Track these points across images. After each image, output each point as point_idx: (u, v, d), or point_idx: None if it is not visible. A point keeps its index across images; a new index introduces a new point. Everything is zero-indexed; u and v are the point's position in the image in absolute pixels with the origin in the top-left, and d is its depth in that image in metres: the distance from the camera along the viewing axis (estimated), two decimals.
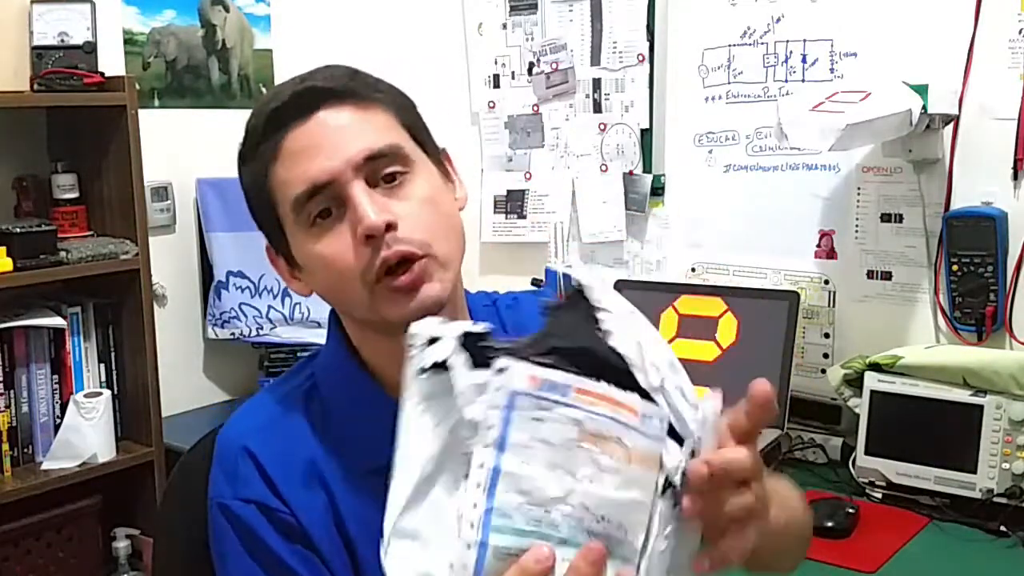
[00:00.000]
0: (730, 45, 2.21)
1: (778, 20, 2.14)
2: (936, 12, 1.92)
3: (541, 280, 2.40)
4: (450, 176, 1.02)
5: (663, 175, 2.37)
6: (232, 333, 2.50)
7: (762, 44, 2.16)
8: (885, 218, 2.04)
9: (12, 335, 2.12)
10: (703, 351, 2.05)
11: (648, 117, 2.36)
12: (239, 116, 0.99)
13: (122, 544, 2.28)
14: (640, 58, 2.34)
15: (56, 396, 2.19)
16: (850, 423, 1.96)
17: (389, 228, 0.90)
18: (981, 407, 1.72)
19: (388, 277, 0.91)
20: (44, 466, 2.14)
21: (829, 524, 1.65)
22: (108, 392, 2.22)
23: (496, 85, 2.60)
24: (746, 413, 0.74)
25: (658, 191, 2.37)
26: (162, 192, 2.47)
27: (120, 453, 2.22)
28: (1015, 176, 1.86)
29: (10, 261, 2.00)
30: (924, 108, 1.82)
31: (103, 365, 2.27)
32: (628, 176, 2.40)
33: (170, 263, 2.50)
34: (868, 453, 1.83)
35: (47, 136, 2.30)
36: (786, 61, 2.13)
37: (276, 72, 2.69)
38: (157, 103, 2.49)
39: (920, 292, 2.01)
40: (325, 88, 0.93)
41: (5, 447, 2.11)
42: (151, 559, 1.37)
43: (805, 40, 2.10)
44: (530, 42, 2.52)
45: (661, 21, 2.32)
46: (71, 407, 2.16)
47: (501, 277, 2.59)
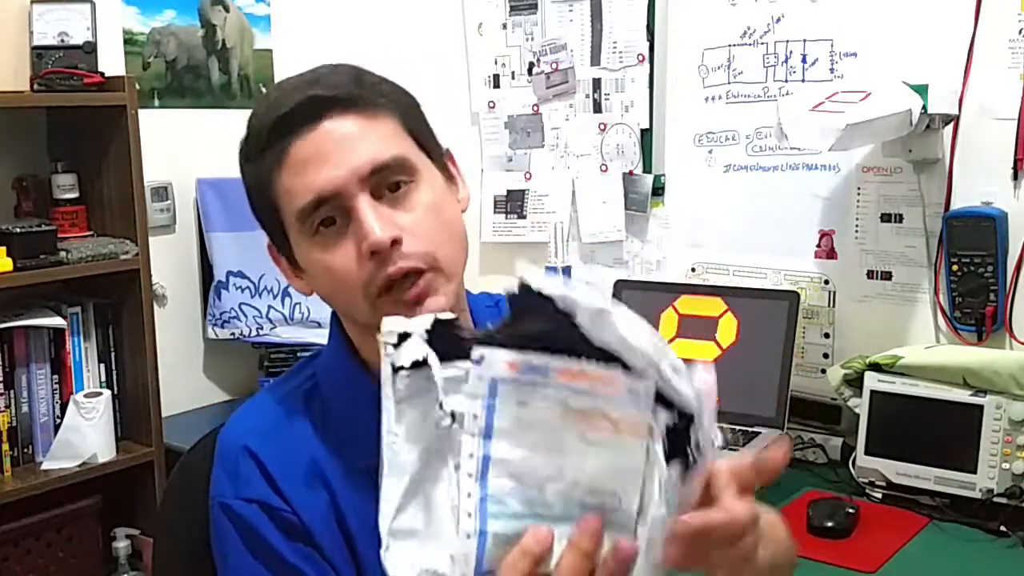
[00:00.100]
0: (730, 45, 2.21)
1: (778, 20, 2.13)
2: (936, 12, 1.92)
3: None
4: (453, 177, 1.02)
5: (663, 175, 2.37)
6: (232, 333, 2.51)
7: (762, 44, 2.16)
8: (885, 218, 2.04)
9: (12, 335, 2.12)
10: (703, 351, 2.05)
11: (648, 117, 2.35)
12: (239, 116, 0.99)
13: (122, 544, 2.28)
14: (640, 58, 2.34)
15: (56, 396, 2.19)
16: (850, 423, 1.96)
17: (394, 244, 0.90)
18: (981, 407, 1.72)
19: (392, 291, 0.91)
20: (44, 466, 2.14)
21: (829, 524, 1.65)
22: (108, 392, 2.22)
23: (496, 85, 2.60)
24: (755, 468, 0.72)
25: (658, 191, 2.37)
26: (162, 192, 2.47)
27: (120, 453, 2.23)
28: (1015, 176, 1.86)
29: (10, 261, 2.01)
30: (924, 108, 1.82)
31: (103, 365, 2.27)
32: (628, 176, 2.40)
33: (170, 263, 2.50)
34: (868, 453, 1.82)
35: (47, 136, 2.30)
36: (786, 61, 2.13)
37: (276, 72, 2.69)
38: (157, 103, 2.49)
39: (920, 292, 2.01)
40: (330, 97, 0.92)
41: (5, 447, 2.11)
42: (151, 559, 1.37)
43: (805, 40, 2.10)
44: (530, 42, 2.52)
45: (661, 21, 2.32)
46: (71, 407, 2.16)
47: (501, 277, 2.59)
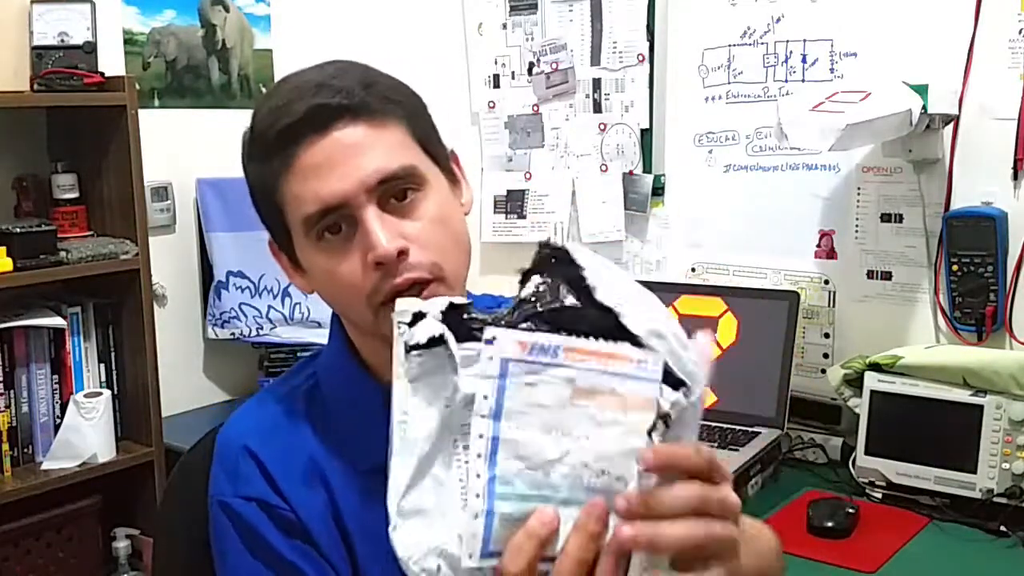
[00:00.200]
0: (730, 45, 2.21)
1: (778, 20, 2.14)
2: (936, 12, 1.92)
3: None
4: (458, 181, 1.02)
5: (663, 175, 2.37)
6: (232, 333, 2.50)
7: (762, 44, 2.16)
8: (885, 218, 2.04)
9: (12, 335, 2.12)
10: None
11: (648, 117, 2.36)
12: (239, 116, 0.99)
13: (122, 544, 2.28)
14: (640, 58, 2.34)
15: (56, 396, 2.19)
16: (850, 423, 1.95)
17: (400, 255, 0.89)
18: (981, 407, 1.72)
19: (396, 301, 0.91)
20: (44, 466, 2.14)
21: (829, 524, 1.65)
22: (108, 392, 2.21)
23: (496, 85, 2.60)
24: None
25: (658, 191, 2.37)
26: (162, 192, 2.47)
27: (120, 453, 2.22)
28: (1015, 176, 1.86)
29: (10, 261, 2.00)
30: (924, 108, 1.82)
31: (103, 365, 2.27)
32: (628, 176, 2.40)
33: (170, 263, 2.50)
34: (868, 453, 1.82)
35: (47, 136, 2.30)
36: (786, 61, 2.13)
37: (276, 72, 2.68)
38: (157, 103, 2.49)
39: (920, 292, 2.01)
40: (340, 104, 0.91)
41: (5, 447, 2.11)
42: (151, 559, 1.37)
43: (805, 40, 2.10)
44: (530, 42, 2.52)
45: (661, 21, 2.32)
46: (71, 407, 2.16)
47: (501, 277, 2.56)
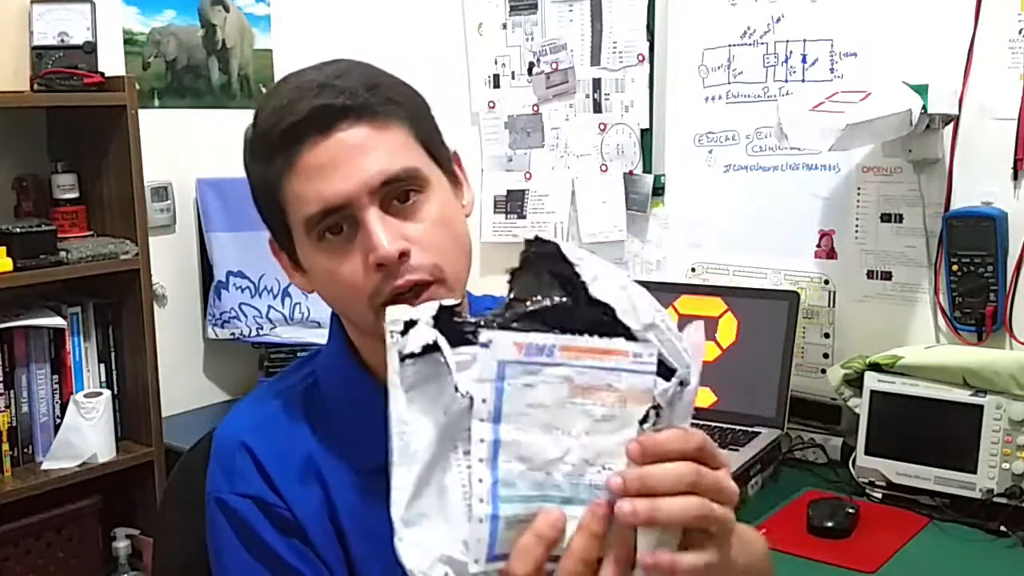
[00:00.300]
0: (730, 45, 2.21)
1: (778, 20, 2.13)
2: (936, 12, 1.92)
3: None
4: (459, 182, 1.02)
5: (663, 175, 2.37)
6: (232, 333, 2.51)
7: (762, 44, 2.16)
8: (885, 218, 2.04)
9: (12, 335, 2.12)
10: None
11: (648, 117, 2.35)
12: (239, 116, 0.99)
13: (122, 544, 2.28)
14: (640, 58, 2.34)
15: (56, 396, 2.19)
16: (850, 423, 1.95)
17: (402, 256, 0.90)
18: (981, 407, 1.72)
19: (396, 302, 0.90)
20: (44, 466, 2.14)
21: (829, 524, 1.65)
22: (108, 392, 2.22)
23: (496, 85, 2.60)
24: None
25: (658, 191, 2.37)
26: (162, 192, 2.47)
27: (120, 453, 2.23)
28: (1015, 176, 1.86)
29: (10, 261, 2.01)
30: (924, 108, 1.82)
31: (103, 365, 2.27)
32: (628, 176, 2.40)
33: (170, 263, 2.50)
34: (868, 453, 1.82)
35: (47, 136, 2.30)
36: (786, 61, 2.13)
37: (276, 72, 2.68)
38: (157, 103, 2.49)
39: (920, 292, 2.01)
40: (343, 105, 0.91)
41: (5, 447, 2.11)
42: (151, 559, 1.37)
43: (805, 40, 2.10)
44: (530, 42, 2.52)
45: (661, 21, 2.32)
46: (71, 407, 2.16)
47: (501, 277, 2.57)
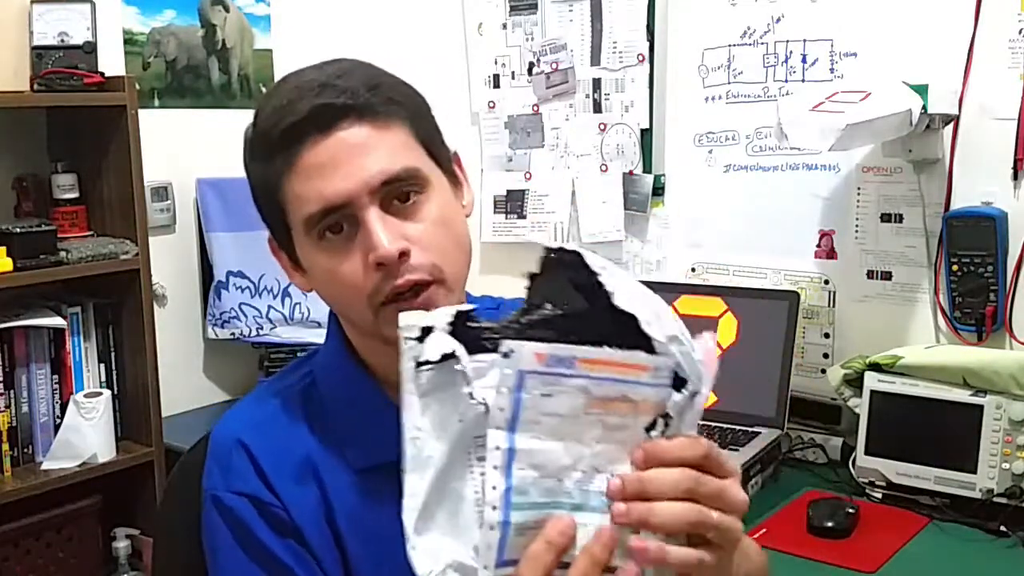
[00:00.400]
0: (730, 45, 2.21)
1: (778, 20, 2.13)
2: (936, 12, 1.92)
3: None
4: (459, 182, 1.02)
5: (663, 175, 2.37)
6: (232, 333, 2.51)
7: (762, 44, 2.16)
8: (885, 218, 2.04)
9: (12, 335, 2.12)
10: None
11: (648, 117, 2.35)
12: (239, 116, 0.99)
13: (122, 544, 2.28)
14: (640, 58, 2.34)
15: (56, 396, 2.19)
16: (850, 423, 1.95)
17: (402, 256, 0.90)
18: (981, 407, 1.72)
19: (395, 302, 0.91)
20: (44, 466, 2.15)
21: (829, 524, 1.65)
22: (108, 392, 2.22)
23: (496, 85, 2.60)
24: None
25: (658, 191, 2.37)
26: (162, 192, 2.47)
27: (120, 453, 2.23)
28: (1015, 176, 1.86)
29: (10, 261, 2.01)
30: (924, 108, 1.82)
31: (103, 365, 2.27)
32: (628, 176, 2.40)
33: (170, 263, 2.50)
34: (868, 453, 1.82)
35: (47, 136, 2.30)
36: (786, 61, 2.13)
37: (276, 72, 2.69)
38: (157, 103, 2.49)
39: (920, 292, 2.01)
40: (344, 105, 0.91)
41: (5, 447, 2.11)
42: (151, 559, 1.37)
43: (805, 40, 2.10)
44: (530, 42, 2.52)
45: (661, 21, 2.31)
46: (71, 407, 2.16)
47: (501, 277, 2.56)
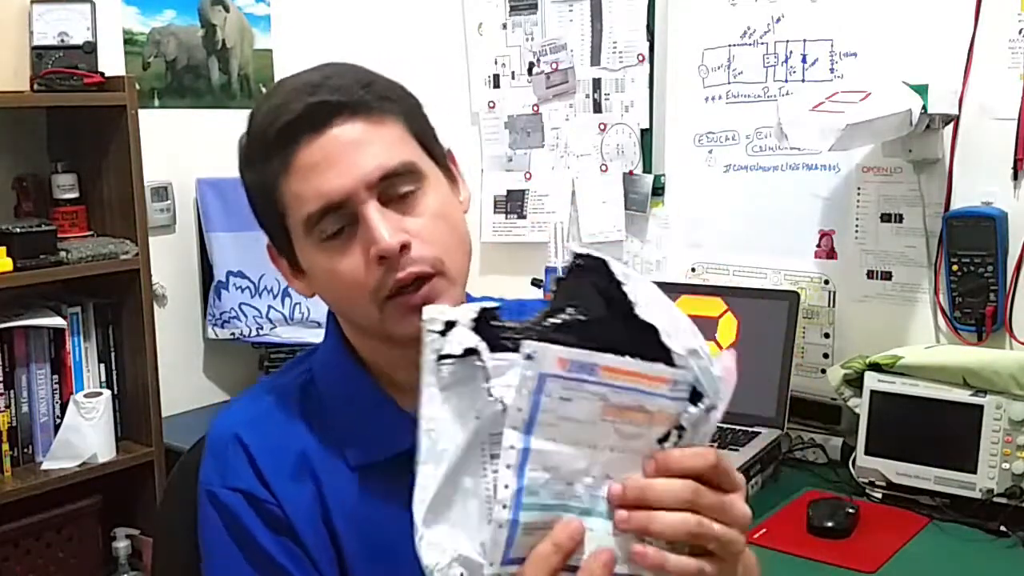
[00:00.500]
0: (730, 45, 2.21)
1: (778, 20, 2.13)
2: (936, 12, 1.92)
3: (541, 280, 2.40)
4: (455, 179, 1.02)
5: (663, 175, 2.37)
6: (232, 333, 2.51)
7: (762, 44, 2.16)
8: (885, 218, 2.04)
9: (12, 335, 2.12)
10: None
11: (648, 117, 2.35)
12: (239, 116, 0.99)
13: (122, 544, 2.28)
14: (640, 58, 2.34)
15: (56, 396, 2.19)
16: (850, 423, 1.95)
17: (403, 249, 0.90)
18: (981, 407, 1.72)
19: (399, 296, 0.91)
20: (44, 466, 2.15)
21: (829, 524, 1.65)
22: (108, 392, 2.22)
23: (496, 85, 2.60)
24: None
25: (658, 191, 2.37)
26: (162, 192, 2.47)
27: (120, 453, 2.23)
28: (1015, 176, 1.86)
29: (10, 261, 2.01)
30: (924, 108, 1.82)
31: (103, 365, 2.27)
32: (628, 176, 2.40)
33: (170, 263, 2.50)
34: (868, 453, 1.82)
35: (47, 136, 2.30)
36: (786, 61, 2.13)
37: (276, 72, 2.69)
38: (157, 103, 2.50)
39: (920, 292, 2.01)
40: (338, 102, 0.91)
41: (5, 447, 2.11)
42: (151, 559, 1.37)
43: (805, 40, 2.10)
44: (530, 42, 2.52)
45: (661, 21, 2.32)
46: (71, 407, 2.16)
47: (501, 277, 2.59)
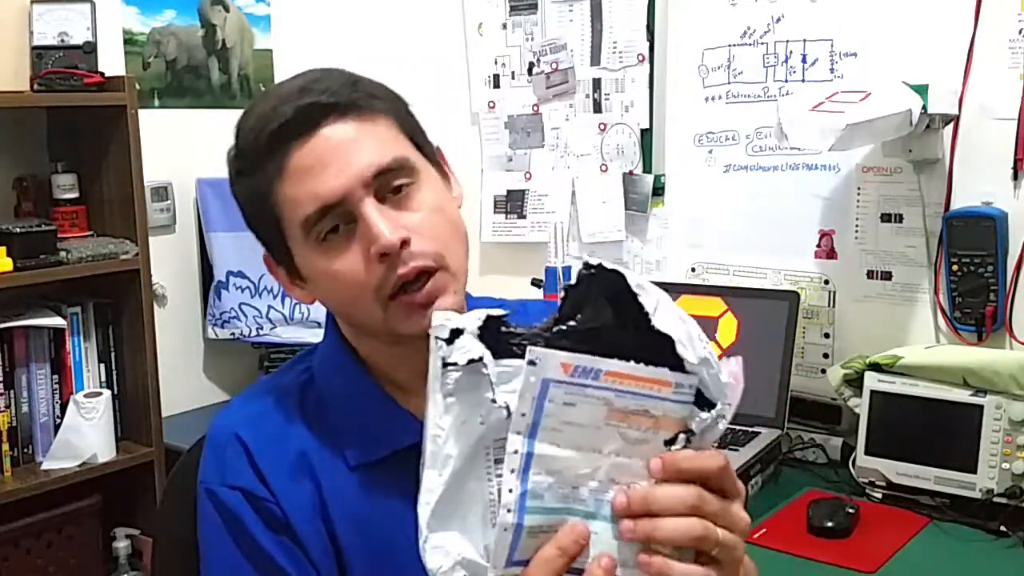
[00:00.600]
0: (730, 45, 2.21)
1: (778, 20, 2.13)
2: (936, 12, 1.92)
3: (541, 280, 2.39)
4: (447, 175, 1.02)
5: (663, 175, 2.37)
6: (232, 333, 2.51)
7: (762, 44, 2.16)
8: (885, 218, 2.04)
9: (12, 335, 2.12)
10: None
11: (648, 117, 2.35)
12: (239, 116, 0.99)
13: (122, 544, 2.28)
14: (640, 58, 2.34)
15: (56, 396, 2.19)
16: (850, 423, 1.95)
17: (403, 245, 0.90)
18: (981, 407, 1.72)
19: (403, 293, 0.91)
20: (44, 466, 2.14)
21: (829, 524, 1.65)
22: (108, 392, 2.22)
23: (496, 85, 2.60)
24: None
25: (658, 191, 2.37)
26: (162, 192, 2.47)
27: (120, 453, 2.22)
28: (1015, 176, 1.86)
29: (10, 261, 2.00)
30: (924, 108, 1.82)
31: (103, 365, 2.27)
32: (628, 176, 2.40)
33: (170, 263, 2.50)
34: (868, 453, 1.82)
35: (47, 136, 2.30)
36: (786, 61, 2.13)
37: (276, 72, 2.69)
38: (157, 103, 2.50)
39: (920, 292, 2.01)
40: (327, 103, 0.91)
41: (5, 447, 2.11)
42: (151, 559, 1.37)
43: (805, 40, 2.10)
44: (530, 42, 2.52)
45: (661, 21, 2.32)
46: (71, 407, 2.16)
47: (501, 277, 2.59)
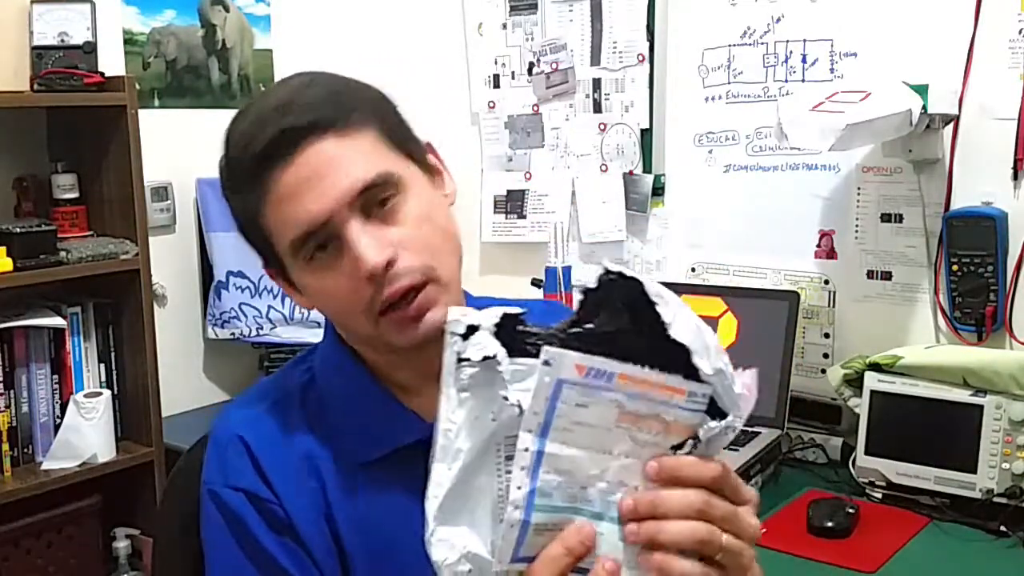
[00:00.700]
0: (730, 45, 2.21)
1: (778, 20, 2.13)
2: (936, 12, 1.92)
3: (541, 280, 2.40)
4: (439, 172, 1.01)
5: (663, 175, 2.37)
6: (232, 333, 2.51)
7: (762, 44, 2.16)
8: (885, 218, 2.04)
9: (12, 335, 2.12)
10: None
11: (648, 117, 2.35)
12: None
13: (122, 544, 2.28)
14: (640, 58, 2.34)
15: (56, 396, 2.19)
16: (850, 423, 1.95)
17: (389, 265, 0.89)
18: (981, 407, 1.72)
19: (393, 310, 0.91)
20: (44, 466, 2.15)
21: (829, 524, 1.65)
22: (108, 392, 2.22)
23: (496, 85, 2.60)
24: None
25: (658, 191, 2.37)
26: (162, 192, 2.47)
27: (120, 453, 2.23)
28: (1015, 176, 1.86)
29: (10, 261, 2.00)
30: (924, 108, 1.82)
31: (103, 365, 2.27)
32: (628, 176, 2.40)
33: (170, 263, 2.50)
34: (868, 453, 1.82)
35: (47, 136, 2.30)
36: (786, 61, 2.13)
37: (276, 72, 2.69)
38: (157, 103, 2.50)
39: (920, 292, 2.01)
40: (307, 124, 0.90)
41: (5, 447, 2.11)
42: (151, 559, 1.37)
43: (805, 40, 2.10)
44: (530, 42, 2.52)
45: (661, 21, 2.32)
46: (71, 407, 2.16)
47: (501, 277, 2.59)
